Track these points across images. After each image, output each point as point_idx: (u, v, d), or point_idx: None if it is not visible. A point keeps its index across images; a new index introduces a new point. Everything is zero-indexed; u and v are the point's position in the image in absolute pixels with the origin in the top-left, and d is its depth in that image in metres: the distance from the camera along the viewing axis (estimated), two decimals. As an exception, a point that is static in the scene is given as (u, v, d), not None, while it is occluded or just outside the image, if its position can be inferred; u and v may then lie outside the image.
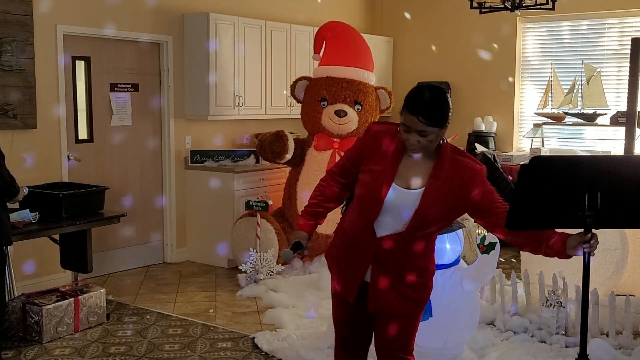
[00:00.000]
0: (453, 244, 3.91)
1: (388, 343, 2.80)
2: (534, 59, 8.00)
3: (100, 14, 5.86)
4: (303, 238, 2.81)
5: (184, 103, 6.62)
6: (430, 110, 2.53)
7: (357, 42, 6.51)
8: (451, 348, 4.02)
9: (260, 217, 5.99)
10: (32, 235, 4.66)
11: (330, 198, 2.86)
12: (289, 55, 7.26)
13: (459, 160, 2.65)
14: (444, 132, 2.63)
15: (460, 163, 2.64)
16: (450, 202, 2.62)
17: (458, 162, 2.65)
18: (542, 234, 2.58)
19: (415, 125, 2.53)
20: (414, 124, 2.54)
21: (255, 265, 5.80)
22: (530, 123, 7.88)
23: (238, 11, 6.87)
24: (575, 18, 7.62)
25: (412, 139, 2.56)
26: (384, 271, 2.67)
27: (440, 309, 3.84)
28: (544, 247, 2.58)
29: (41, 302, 4.57)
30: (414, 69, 8.59)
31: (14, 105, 5.28)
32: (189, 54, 6.57)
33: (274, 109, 7.15)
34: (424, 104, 2.54)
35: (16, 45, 5.27)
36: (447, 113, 2.58)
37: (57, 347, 4.45)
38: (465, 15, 7.41)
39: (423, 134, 2.55)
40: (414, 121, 2.53)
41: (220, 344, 4.52)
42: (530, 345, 4.35)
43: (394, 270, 2.67)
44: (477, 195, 2.63)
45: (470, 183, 2.63)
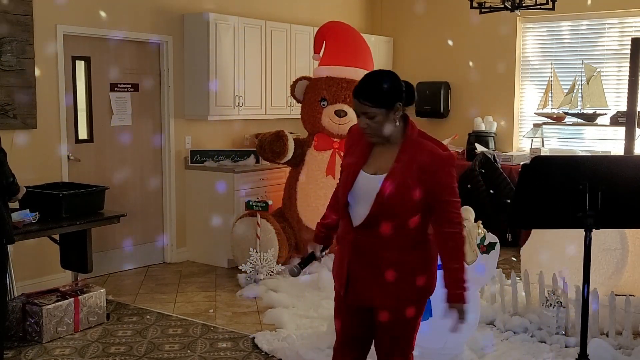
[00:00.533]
0: (453, 244, 3.90)
1: (383, 344, 2.80)
2: (534, 59, 8.00)
3: (100, 14, 5.86)
4: (316, 249, 2.91)
5: (184, 103, 6.62)
6: (369, 91, 2.59)
7: (357, 42, 6.51)
8: (451, 348, 4.02)
9: (260, 217, 5.99)
10: (32, 235, 4.66)
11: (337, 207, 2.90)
12: (289, 55, 7.26)
13: (422, 143, 2.65)
14: (395, 114, 2.63)
15: (423, 146, 2.64)
16: (410, 185, 2.59)
17: (421, 145, 2.65)
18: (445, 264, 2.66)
19: (359, 108, 2.61)
20: (358, 107, 2.62)
21: (255, 265, 5.80)
22: (530, 123, 7.88)
23: (238, 11, 6.87)
24: (575, 18, 7.62)
25: (361, 122, 2.63)
26: (361, 263, 2.70)
27: (440, 309, 3.84)
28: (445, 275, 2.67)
29: (41, 302, 4.57)
30: (413, 69, 8.59)
31: (14, 105, 5.28)
32: (189, 54, 6.57)
33: (274, 109, 7.15)
34: (363, 86, 2.62)
35: (16, 45, 5.27)
36: (389, 93, 2.59)
37: (57, 347, 4.45)
38: (465, 15, 7.41)
39: (369, 116, 2.60)
40: (358, 104, 2.61)
41: (220, 344, 4.52)
42: (530, 345, 4.35)
43: (370, 262, 2.69)
44: (430, 182, 2.60)
45: (430, 168, 2.60)
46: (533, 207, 2.51)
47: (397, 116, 2.63)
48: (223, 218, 6.40)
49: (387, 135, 2.64)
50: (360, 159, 2.71)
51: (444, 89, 8.33)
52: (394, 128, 2.64)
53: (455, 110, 8.42)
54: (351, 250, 2.72)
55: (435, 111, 8.36)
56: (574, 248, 4.59)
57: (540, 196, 2.48)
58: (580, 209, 2.46)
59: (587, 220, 2.46)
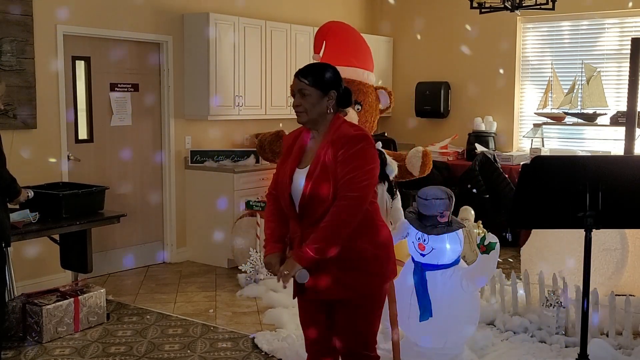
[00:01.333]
0: (453, 244, 3.90)
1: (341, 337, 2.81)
2: (534, 59, 8.00)
3: (100, 14, 5.86)
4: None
5: (184, 103, 6.62)
6: (310, 71, 2.76)
7: (357, 42, 6.50)
8: (451, 348, 4.02)
9: (260, 217, 5.99)
10: (32, 236, 4.66)
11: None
12: (289, 55, 7.25)
13: (342, 127, 2.75)
14: (328, 102, 2.75)
15: (341, 130, 2.74)
16: (329, 165, 2.66)
17: (340, 129, 2.74)
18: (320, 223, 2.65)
19: (297, 85, 2.75)
20: (297, 85, 2.76)
21: (255, 265, 5.80)
22: (530, 123, 7.88)
23: (238, 11, 6.87)
24: (575, 18, 7.61)
25: (295, 101, 2.76)
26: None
27: (440, 309, 3.85)
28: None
29: (41, 302, 4.57)
30: (413, 69, 8.59)
31: (14, 106, 5.28)
32: (189, 54, 6.57)
33: (274, 109, 7.15)
34: (306, 67, 2.80)
35: (16, 45, 5.27)
36: (326, 78, 2.75)
37: (57, 347, 4.45)
38: (465, 15, 7.41)
39: (304, 93, 2.73)
40: (297, 82, 2.76)
41: (220, 344, 4.52)
42: (530, 345, 4.35)
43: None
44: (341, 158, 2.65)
45: (343, 146, 2.67)
46: (533, 207, 2.51)
47: (330, 105, 2.76)
48: (223, 218, 6.40)
49: (315, 117, 2.75)
50: (295, 160, 2.81)
51: (444, 89, 8.32)
52: (323, 114, 2.76)
53: (455, 110, 8.41)
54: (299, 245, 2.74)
55: (435, 111, 8.36)
56: (573, 262, 4.60)
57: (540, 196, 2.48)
58: (581, 209, 2.46)
59: (587, 220, 2.46)
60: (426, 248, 3.85)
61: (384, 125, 8.59)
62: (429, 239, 3.85)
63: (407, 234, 3.99)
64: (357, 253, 2.70)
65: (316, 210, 2.68)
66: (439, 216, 3.83)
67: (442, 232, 3.83)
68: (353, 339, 2.81)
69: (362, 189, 2.63)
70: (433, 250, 3.85)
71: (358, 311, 2.77)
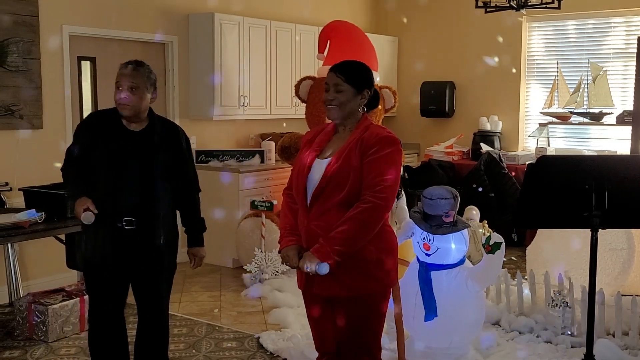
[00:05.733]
0: (458, 244, 3.90)
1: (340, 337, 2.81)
2: (540, 58, 7.98)
3: (105, 15, 5.87)
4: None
5: (189, 103, 6.63)
6: (346, 67, 2.81)
7: (361, 42, 6.50)
8: (456, 348, 4.02)
9: (265, 217, 5.99)
10: (38, 235, 4.65)
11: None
12: (294, 54, 7.26)
13: (369, 128, 2.77)
14: (360, 100, 2.79)
15: (372, 129, 2.76)
16: (354, 164, 2.67)
17: (368, 130, 2.76)
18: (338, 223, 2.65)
19: (332, 80, 2.79)
20: (332, 80, 2.79)
21: (260, 265, 5.80)
22: (535, 122, 7.87)
23: (243, 11, 6.87)
24: (581, 17, 7.59)
25: (329, 95, 2.79)
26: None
27: (445, 309, 3.85)
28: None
29: (47, 302, 4.58)
30: (418, 69, 8.57)
31: (21, 106, 5.30)
32: (194, 54, 6.58)
33: (278, 109, 7.15)
34: (343, 63, 2.84)
35: (22, 46, 5.29)
36: (362, 76, 2.81)
37: (63, 347, 4.46)
38: (470, 14, 7.40)
39: (339, 89, 2.76)
40: (333, 77, 2.79)
41: (225, 344, 4.52)
42: (535, 345, 4.33)
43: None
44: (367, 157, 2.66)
45: (372, 146, 2.68)
46: (539, 207, 2.50)
47: (361, 103, 2.80)
48: (228, 218, 6.40)
49: (346, 113, 2.78)
50: (316, 150, 2.83)
51: (449, 89, 8.31)
52: (355, 112, 2.79)
53: (460, 109, 8.40)
54: (306, 239, 2.75)
55: (440, 111, 8.35)
56: (579, 242, 4.57)
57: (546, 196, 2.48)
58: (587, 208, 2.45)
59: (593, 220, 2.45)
60: (431, 248, 3.85)
61: (389, 125, 8.58)
62: (434, 238, 3.85)
63: (412, 233, 3.99)
64: (360, 254, 2.69)
65: (327, 202, 2.69)
66: (444, 216, 3.83)
67: (447, 232, 3.82)
68: (352, 340, 2.80)
69: (387, 198, 2.64)
70: (438, 250, 3.85)
71: (357, 313, 2.76)
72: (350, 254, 2.64)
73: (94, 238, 3.27)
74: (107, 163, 3.20)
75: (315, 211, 2.72)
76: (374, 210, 2.61)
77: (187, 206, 3.49)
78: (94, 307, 3.40)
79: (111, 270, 3.28)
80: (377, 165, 2.64)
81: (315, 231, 2.70)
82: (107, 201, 3.18)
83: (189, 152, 3.46)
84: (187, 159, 3.43)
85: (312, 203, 2.73)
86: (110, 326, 3.40)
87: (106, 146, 3.21)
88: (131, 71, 3.23)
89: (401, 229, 4.02)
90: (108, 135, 3.24)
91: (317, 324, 2.92)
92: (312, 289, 2.80)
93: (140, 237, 3.22)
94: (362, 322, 2.78)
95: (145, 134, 3.27)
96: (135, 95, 3.21)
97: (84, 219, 3.12)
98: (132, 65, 3.24)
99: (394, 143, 2.70)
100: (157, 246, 3.28)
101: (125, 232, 3.20)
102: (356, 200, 2.65)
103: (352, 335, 2.79)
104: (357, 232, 2.61)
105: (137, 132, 3.27)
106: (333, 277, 2.67)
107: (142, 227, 3.21)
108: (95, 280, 3.33)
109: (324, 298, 2.81)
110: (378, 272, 2.74)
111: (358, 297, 2.73)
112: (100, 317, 3.39)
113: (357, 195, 2.66)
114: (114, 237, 3.22)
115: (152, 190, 3.23)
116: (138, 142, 3.23)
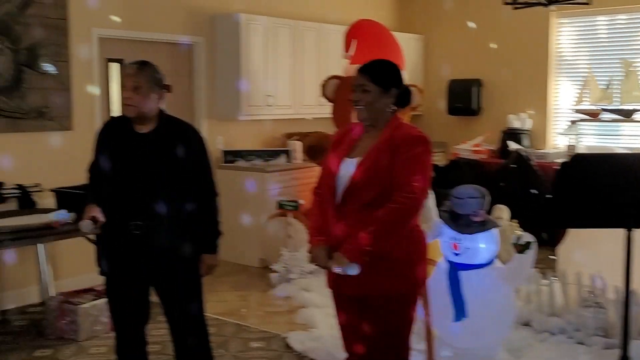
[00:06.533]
0: (487, 244, 3.84)
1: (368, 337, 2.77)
2: (569, 55, 7.87)
3: (133, 17, 5.91)
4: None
5: (215, 103, 6.66)
6: (372, 66, 2.80)
7: (387, 40, 6.46)
8: (486, 349, 3.97)
9: (291, 217, 5.99)
10: (68, 235, 4.69)
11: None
12: (320, 54, 7.25)
13: (400, 127, 2.76)
14: (388, 99, 2.76)
15: (402, 128, 2.75)
16: (384, 163, 2.65)
17: (398, 129, 2.74)
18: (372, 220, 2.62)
19: (359, 80, 2.78)
20: (358, 80, 2.79)
21: (287, 264, 5.80)
22: (564, 120, 7.76)
23: (269, 11, 6.88)
24: (611, 12, 7.47)
25: (356, 96, 2.79)
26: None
27: (475, 310, 3.80)
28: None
29: (78, 301, 4.63)
30: (445, 67, 8.51)
31: (51, 108, 5.36)
32: (220, 55, 6.60)
33: (304, 109, 7.14)
34: (369, 63, 2.83)
35: (52, 49, 5.35)
36: (389, 74, 2.80)
37: (93, 346, 4.50)
38: (498, 11, 7.32)
39: (365, 89, 2.75)
40: (359, 77, 2.79)
41: (253, 344, 4.53)
42: (567, 346, 4.27)
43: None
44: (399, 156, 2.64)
45: (403, 146, 2.66)
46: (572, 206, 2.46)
47: (389, 102, 2.78)
48: (255, 217, 6.41)
49: (374, 113, 2.76)
50: (346, 150, 2.82)
51: (476, 87, 8.23)
52: (383, 111, 2.77)
53: (487, 107, 8.32)
54: (335, 239, 2.72)
55: (467, 109, 8.28)
56: (611, 247, 4.49)
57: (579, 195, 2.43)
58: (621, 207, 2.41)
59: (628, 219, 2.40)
60: (460, 248, 3.80)
61: (416, 123, 8.42)
62: (462, 238, 3.80)
63: (440, 233, 3.95)
64: (390, 254, 2.67)
65: (357, 202, 2.67)
66: (473, 215, 3.78)
67: (476, 231, 3.77)
68: (380, 340, 2.78)
69: (418, 198, 2.62)
70: (467, 250, 3.80)
71: (386, 313, 2.74)
72: (380, 254, 2.61)
73: (105, 244, 3.22)
74: (113, 167, 3.14)
75: (345, 211, 2.70)
76: (405, 211, 2.59)
77: (199, 210, 3.22)
78: (113, 315, 3.34)
79: (123, 277, 3.19)
80: (408, 165, 2.62)
81: (344, 230, 2.69)
82: (114, 206, 3.12)
83: (202, 153, 3.26)
84: (199, 160, 3.22)
85: (342, 203, 2.71)
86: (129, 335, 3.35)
87: (113, 150, 3.17)
88: (134, 71, 3.13)
89: (430, 228, 3.98)
90: (116, 139, 3.19)
91: (346, 324, 2.90)
92: (342, 289, 2.78)
93: (147, 242, 3.11)
94: (391, 322, 2.76)
95: (152, 136, 3.16)
96: (138, 95, 3.11)
97: (81, 226, 3.07)
98: (136, 65, 3.15)
99: (425, 142, 2.68)
100: (164, 250, 3.13)
101: (133, 237, 3.10)
102: (386, 200, 2.62)
103: (381, 335, 2.77)
104: (387, 233, 2.58)
105: (144, 134, 3.16)
106: (363, 277, 2.66)
107: (149, 231, 3.10)
108: (112, 288, 3.26)
109: (354, 298, 2.79)
110: (408, 273, 2.72)
111: (388, 297, 2.71)
112: (119, 324, 3.33)
113: (387, 195, 2.63)
114: (124, 243, 3.13)
115: (157, 194, 3.09)
116: (144, 145, 3.13)
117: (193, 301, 3.30)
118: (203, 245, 3.27)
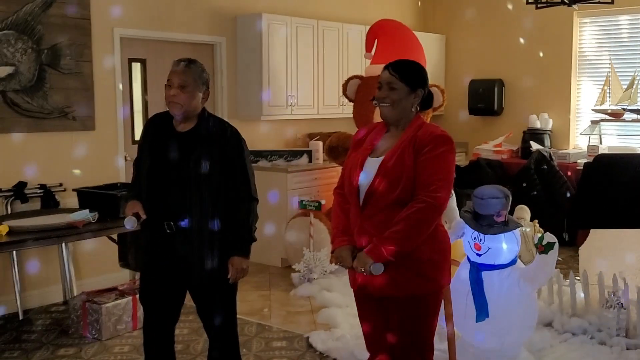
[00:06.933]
0: (510, 244, 3.83)
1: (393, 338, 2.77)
2: (591, 54, 7.80)
3: (155, 17, 5.96)
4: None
5: (237, 103, 6.69)
6: (401, 65, 2.79)
7: (409, 40, 6.45)
8: (508, 349, 3.95)
9: (313, 217, 6.00)
10: (91, 235, 4.72)
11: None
12: (341, 54, 7.25)
13: (422, 127, 2.75)
14: (413, 99, 2.76)
15: (425, 128, 2.73)
16: (407, 162, 2.64)
17: (421, 128, 2.74)
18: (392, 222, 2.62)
19: (386, 78, 2.76)
20: (386, 78, 2.77)
21: (309, 264, 5.82)
22: (586, 120, 7.70)
23: (290, 11, 6.90)
24: (635, 11, 7.40)
25: (382, 93, 2.77)
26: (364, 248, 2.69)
27: (497, 310, 3.79)
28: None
29: (100, 301, 4.67)
30: (466, 67, 8.48)
31: (73, 108, 5.42)
32: (242, 55, 6.63)
33: (326, 109, 7.16)
34: (398, 62, 2.81)
35: (75, 48, 5.41)
36: (417, 75, 2.79)
37: (116, 345, 4.54)
38: (520, 10, 7.28)
39: (392, 87, 2.74)
40: (387, 75, 2.77)
41: (275, 343, 4.54)
42: (589, 347, 4.24)
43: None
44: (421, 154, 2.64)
45: (426, 145, 2.65)
46: (595, 207, 2.44)
47: (414, 102, 2.77)
48: (276, 218, 6.43)
49: (399, 111, 2.75)
50: (368, 149, 2.81)
51: (498, 87, 8.19)
52: (407, 111, 2.77)
53: (509, 107, 8.27)
54: (359, 239, 2.73)
55: (489, 109, 8.24)
56: (633, 257, 4.46)
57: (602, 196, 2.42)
58: (646, 208, 2.39)
59: (652, 219, 2.38)
60: (482, 248, 3.80)
61: (437, 123, 8.43)
62: (485, 238, 3.79)
63: (462, 233, 3.94)
64: (414, 254, 2.67)
65: (381, 201, 2.67)
66: (496, 215, 3.77)
67: (499, 231, 3.76)
68: (404, 341, 2.78)
69: (442, 198, 2.61)
70: (489, 250, 3.79)
71: (409, 313, 2.74)
72: (404, 254, 2.62)
73: (143, 242, 3.25)
74: (150, 165, 3.13)
75: (369, 211, 2.70)
76: (429, 210, 2.59)
77: (233, 212, 3.15)
78: (145, 313, 3.35)
79: (157, 276, 3.19)
80: (432, 165, 2.62)
81: (368, 231, 2.69)
82: (151, 204, 3.11)
83: (240, 155, 3.18)
84: (236, 162, 3.15)
85: (365, 202, 2.71)
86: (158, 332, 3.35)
87: (152, 147, 3.16)
88: (183, 68, 3.09)
89: (451, 228, 3.97)
90: (157, 137, 3.18)
91: (369, 324, 2.90)
92: (366, 289, 2.79)
93: (179, 242, 3.10)
94: (414, 322, 2.76)
95: (190, 135, 3.12)
96: (185, 94, 3.07)
97: (125, 223, 3.06)
98: (184, 62, 3.11)
99: (448, 142, 2.68)
100: (194, 252, 3.10)
101: (168, 236, 3.10)
102: (409, 200, 2.62)
103: (404, 335, 2.77)
104: (411, 232, 2.59)
105: (183, 132, 3.13)
106: (387, 277, 2.66)
107: (180, 231, 3.08)
108: (145, 286, 3.26)
109: (377, 298, 2.79)
110: (432, 273, 2.72)
111: (411, 297, 2.71)
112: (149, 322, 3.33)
113: (410, 195, 2.63)
114: (159, 242, 3.14)
115: (191, 195, 3.04)
116: (181, 144, 3.10)
117: (222, 310, 3.29)
118: (232, 246, 3.23)
